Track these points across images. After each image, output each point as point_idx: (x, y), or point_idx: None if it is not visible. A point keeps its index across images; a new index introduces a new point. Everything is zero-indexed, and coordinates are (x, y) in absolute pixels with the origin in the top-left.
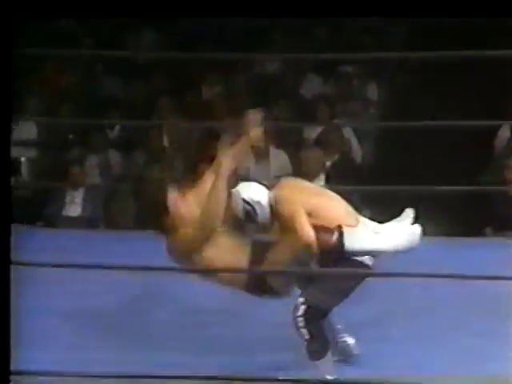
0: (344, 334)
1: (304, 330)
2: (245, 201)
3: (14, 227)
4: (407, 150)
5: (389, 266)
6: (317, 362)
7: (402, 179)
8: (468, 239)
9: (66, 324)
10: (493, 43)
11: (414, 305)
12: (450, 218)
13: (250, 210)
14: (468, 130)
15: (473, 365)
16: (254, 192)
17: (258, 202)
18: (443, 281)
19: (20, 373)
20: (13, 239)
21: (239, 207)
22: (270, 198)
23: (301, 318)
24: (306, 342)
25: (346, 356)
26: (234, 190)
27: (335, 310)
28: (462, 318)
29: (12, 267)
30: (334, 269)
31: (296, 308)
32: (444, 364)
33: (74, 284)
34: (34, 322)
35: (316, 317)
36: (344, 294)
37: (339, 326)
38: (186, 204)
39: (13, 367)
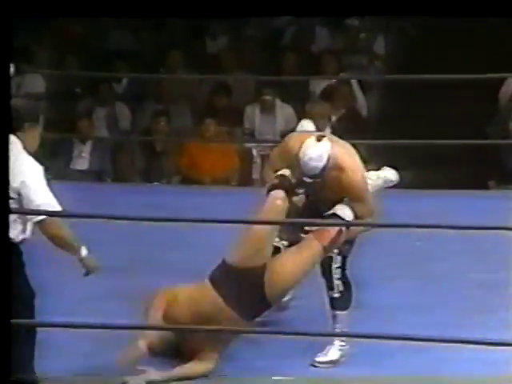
0: None
1: (339, 282)
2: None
3: None
4: (413, 104)
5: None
6: (342, 313)
7: (407, 133)
8: (472, 191)
9: None
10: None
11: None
12: (454, 170)
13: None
14: (473, 83)
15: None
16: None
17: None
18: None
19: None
20: None
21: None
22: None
23: (338, 270)
24: (338, 294)
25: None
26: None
27: None
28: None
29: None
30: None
31: (332, 260)
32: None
33: None
34: None
35: (345, 266)
36: (351, 242)
37: None
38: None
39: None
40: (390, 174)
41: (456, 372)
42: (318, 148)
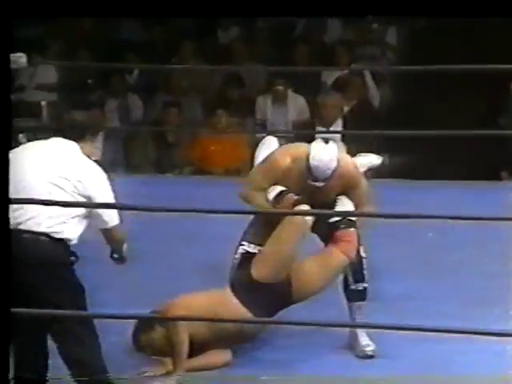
0: None
1: (366, 272)
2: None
3: None
4: (425, 95)
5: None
6: (363, 303)
7: (419, 123)
8: (484, 182)
9: None
10: None
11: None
12: (466, 161)
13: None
14: (486, 74)
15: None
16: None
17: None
18: (459, 223)
19: None
20: None
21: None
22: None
23: (365, 259)
24: (367, 284)
25: None
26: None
27: None
28: (477, 259)
29: None
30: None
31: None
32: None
33: None
34: None
35: None
36: None
37: None
38: None
39: None
40: (373, 160)
41: (467, 366)
42: (328, 151)
